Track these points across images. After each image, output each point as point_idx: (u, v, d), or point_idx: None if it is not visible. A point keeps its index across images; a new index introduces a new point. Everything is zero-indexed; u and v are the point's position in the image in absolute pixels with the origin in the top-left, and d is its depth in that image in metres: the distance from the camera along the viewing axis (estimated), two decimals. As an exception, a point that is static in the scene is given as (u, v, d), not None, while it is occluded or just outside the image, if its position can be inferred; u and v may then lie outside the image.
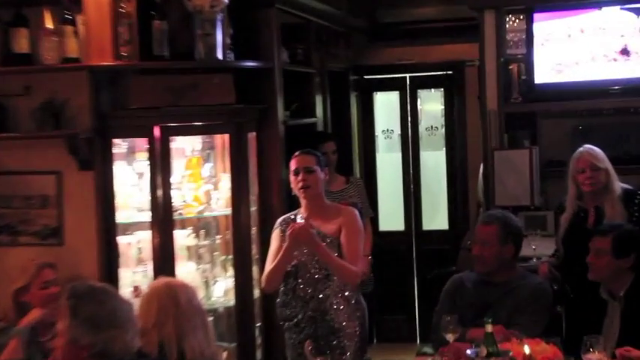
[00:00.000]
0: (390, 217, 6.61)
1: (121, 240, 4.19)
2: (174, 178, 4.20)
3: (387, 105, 6.72)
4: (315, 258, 3.58)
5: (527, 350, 2.92)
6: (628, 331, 3.18)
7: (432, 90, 6.69)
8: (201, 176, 4.40)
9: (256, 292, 4.36)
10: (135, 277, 4.12)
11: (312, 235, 3.48)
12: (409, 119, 6.57)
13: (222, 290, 4.31)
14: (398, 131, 6.63)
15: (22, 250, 4.08)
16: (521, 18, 5.27)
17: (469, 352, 2.97)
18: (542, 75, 5.17)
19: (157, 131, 4.07)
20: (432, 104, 6.68)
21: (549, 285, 3.65)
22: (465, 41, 6.02)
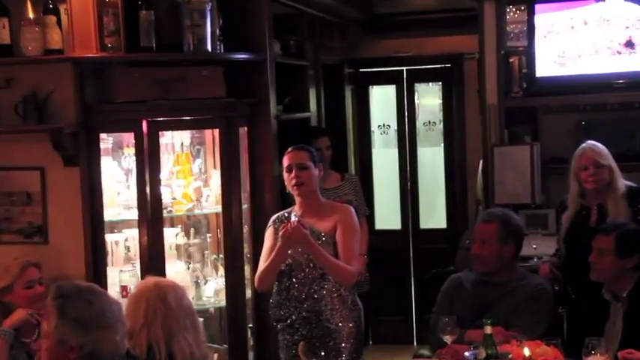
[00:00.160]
0: (387, 216, 6.62)
1: (108, 238, 4.19)
2: (162, 174, 4.19)
3: (383, 99, 6.72)
4: (310, 257, 3.59)
5: (527, 352, 2.94)
6: (631, 333, 3.19)
7: (430, 84, 6.70)
8: (191, 172, 4.40)
9: (248, 293, 4.37)
10: (122, 276, 4.12)
11: (306, 235, 3.49)
12: (406, 114, 6.58)
13: (212, 290, 4.32)
14: (394, 126, 6.64)
15: (5, 249, 4.06)
16: (522, 9, 5.29)
17: (467, 354, 2.98)
18: (544, 68, 5.18)
19: (144, 126, 4.06)
20: (429, 98, 6.69)
21: (550, 285, 3.66)
22: (464, 33, 6.03)
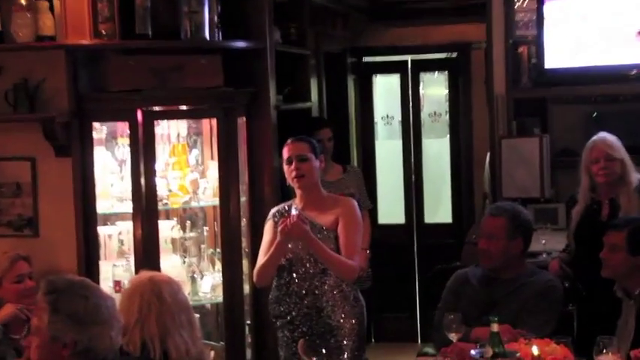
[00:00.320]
0: (390, 209, 6.63)
1: (101, 231, 4.20)
2: (158, 165, 4.19)
3: (387, 89, 6.72)
4: (311, 251, 3.60)
5: (535, 351, 2.94)
6: (643, 332, 3.20)
7: (436, 73, 6.71)
8: (188, 164, 4.40)
9: (246, 288, 4.38)
10: (116, 270, 4.13)
11: (306, 231, 3.49)
12: (411, 104, 6.59)
13: (209, 286, 4.32)
14: (398, 117, 6.64)
15: (-7, 242, 4.08)
16: (532, -3, 5.28)
17: (473, 352, 2.98)
18: (554, 58, 5.17)
19: (139, 115, 4.06)
20: (435, 88, 6.70)
21: (560, 282, 3.66)
22: (471, 21, 6.03)
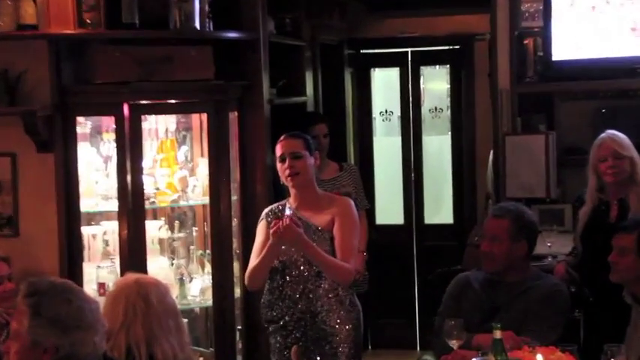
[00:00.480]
0: (388, 209, 6.64)
1: (85, 231, 4.20)
2: (145, 162, 4.20)
3: (385, 83, 6.73)
4: (305, 254, 3.59)
5: (540, 359, 2.94)
6: (654, 340, 3.20)
7: (437, 67, 6.71)
8: (176, 161, 4.41)
9: (237, 291, 4.38)
10: (100, 272, 4.13)
11: (299, 234, 3.48)
12: (410, 99, 6.59)
13: (198, 289, 4.33)
14: (398, 113, 6.65)
15: (-29, 242, 4.08)
16: (538, -14, 5.28)
17: (475, 360, 2.99)
18: (561, 51, 5.16)
19: (125, 109, 4.06)
20: (436, 83, 6.70)
21: (566, 287, 3.66)
22: (475, 12, 6.02)
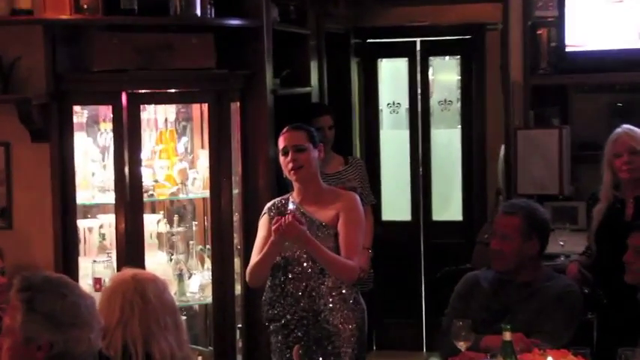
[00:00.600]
0: (395, 205, 6.63)
1: (81, 224, 4.20)
2: (143, 153, 4.19)
3: (393, 74, 6.72)
4: (307, 251, 3.59)
5: (551, 362, 2.94)
6: (669, 343, 3.19)
7: (447, 57, 6.70)
8: (176, 152, 4.41)
9: (238, 288, 4.39)
10: (96, 267, 4.14)
11: (302, 232, 3.48)
12: (419, 91, 6.58)
13: (197, 285, 4.34)
14: (406, 105, 6.64)
15: (-37, 234, 4.07)
16: (553, -26, 5.26)
17: (484, 362, 2.99)
18: (577, 41, 5.15)
19: (124, 98, 4.06)
20: (446, 74, 6.69)
21: (579, 288, 3.66)
22: (487, 1, 6.00)
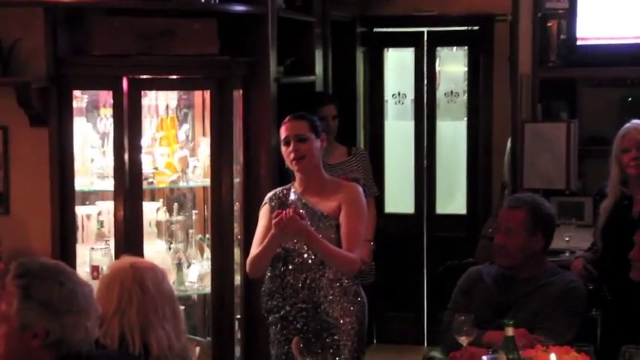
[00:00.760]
0: (398, 197, 6.63)
1: (79, 211, 4.20)
2: (144, 140, 4.19)
3: (399, 64, 6.70)
4: (308, 245, 3.59)
5: (553, 359, 2.94)
6: (674, 342, 3.19)
7: (454, 48, 6.68)
8: (176, 139, 4.41)
9: (237, 279, 4.39)
10: (94, 255, 4.14)
11: (303, 227, 3.48)
12: (425, 82, 6.57)
13: (196, 275, 4.34)
14: (411, 96, 6.63)
15: (-41, 219, 4.08)
16: (564, -36, 5.26)
17: (485, 358, 2.99)
18: (587, 34, 5.14)
19: (124, 84, 4.06)
20: (453, 65, 6.67)
21: (583, 284, 3.66)
22: (496, -9, 5.99)
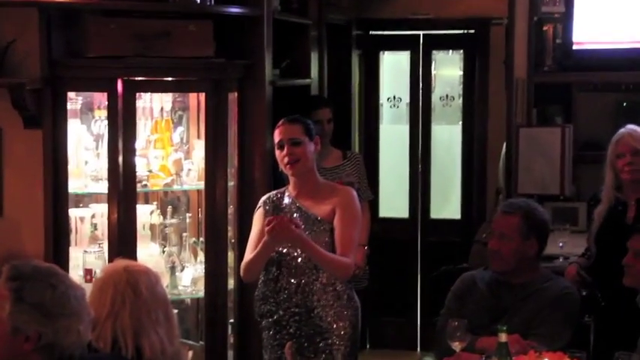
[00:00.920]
0: (393, 202, 6.63)
1: (72, 213, 4.20)
2: (138, 142, 4.19)
3: (395, 67, 6.71)
4: (302, 251, 3.60)
5: (547, 365, 2.96)
6: (667, 348, 3.21)
7: (450, 52, 6.68)
8: (171, 142, 4.41)
9: (231, 283, 4.39)
10: (87, 258, 4.13)
11: (298, 236, 3.48)
12: (420, 86, 6.57)
13: (190, 278, 4.34)
14: (406, 99, 6.63)
15: (-49, 222, 4.08)
16: (561, -32, 5.27)
17: (479, 364, 3.00)
18: (582, 39, 5.15)
19: (119, 85, 4.05)
20: (448, 69, 6.68)
21: (577, 290, 3.67)
22: (492, -6, 6.01)
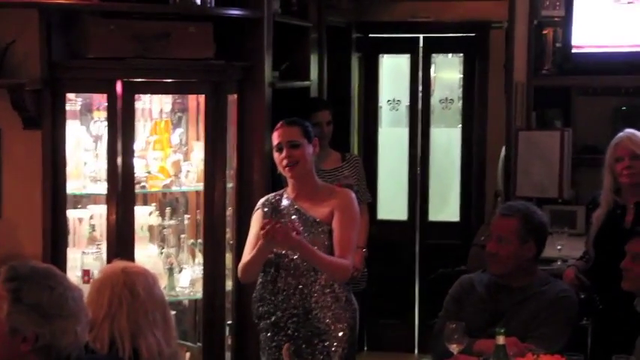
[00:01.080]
0: (391, 204, 6.64)
1: (71, 214, 4.20)
2: (137, 144, 4.20)
3: (394, 70, 6.72)
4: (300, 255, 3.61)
5: (544, 368, 2.96)
6: (664, 352, 3.21)
7: (450, 55, 6.69)
8: (170, 144, 4.41)
9: (229, 284, 4.39)
10: (85, 259, 4.13)
11: (297, 242, 3.49)
12: (420, 88, 6.58)
13: (188, 280, 4.34)
14: (406, 102, 6.64)
15: (-50, 222, 4.08)
16: (561, -28, 5.27)
17: (476, 366, 3.01)
18: (582, 42, 5.16)
19: (119, 87, 4.06)
20: (448, 72, 6.68)
21: (575, 293, 3.68)
22: (492, -2, 6.02)
